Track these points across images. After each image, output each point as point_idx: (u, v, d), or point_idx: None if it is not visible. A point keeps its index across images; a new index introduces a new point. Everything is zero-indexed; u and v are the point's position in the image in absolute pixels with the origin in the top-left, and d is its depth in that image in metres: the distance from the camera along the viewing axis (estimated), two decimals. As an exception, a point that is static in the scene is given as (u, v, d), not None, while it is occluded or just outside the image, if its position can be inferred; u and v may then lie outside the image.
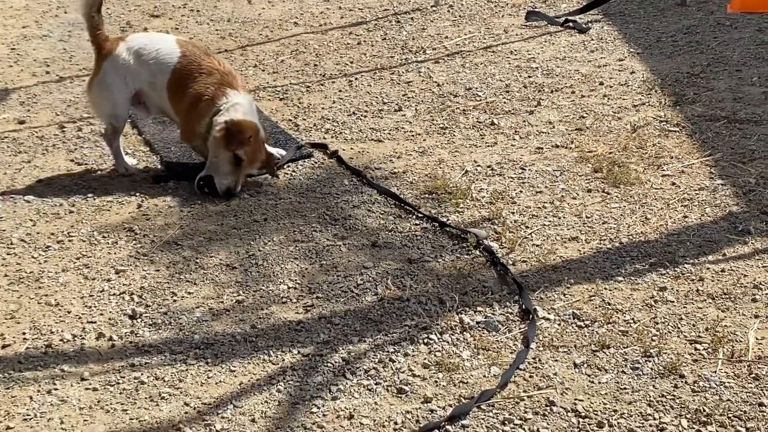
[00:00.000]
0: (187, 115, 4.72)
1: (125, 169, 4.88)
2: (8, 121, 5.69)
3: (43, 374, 3.41)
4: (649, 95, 5.43)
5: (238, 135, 4.51)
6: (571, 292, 3.73)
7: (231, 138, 4.51)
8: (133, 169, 4.91)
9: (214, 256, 4.11)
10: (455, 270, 3.92)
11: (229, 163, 4.57)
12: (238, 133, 4.52)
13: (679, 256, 3.91)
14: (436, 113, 5.43)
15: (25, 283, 3.98)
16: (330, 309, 3.70)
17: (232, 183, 4.59)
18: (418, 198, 4.50)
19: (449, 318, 3.60)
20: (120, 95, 4.79)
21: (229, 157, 4.55)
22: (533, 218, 4.27)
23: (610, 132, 5.03)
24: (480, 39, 6.58)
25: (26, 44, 7.08)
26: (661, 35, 6.34)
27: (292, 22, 7.22)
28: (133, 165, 4.94)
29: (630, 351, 3.37)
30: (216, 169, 4.60)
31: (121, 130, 4.87)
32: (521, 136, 5.07)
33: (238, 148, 4.52)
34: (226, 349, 3.50)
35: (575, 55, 6.14)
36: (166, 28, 7.24)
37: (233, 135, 4.51)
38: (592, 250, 4.01)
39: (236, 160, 4.55)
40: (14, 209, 4.60)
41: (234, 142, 4.51)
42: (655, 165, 4.65)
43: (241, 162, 4.55)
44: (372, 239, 4.17)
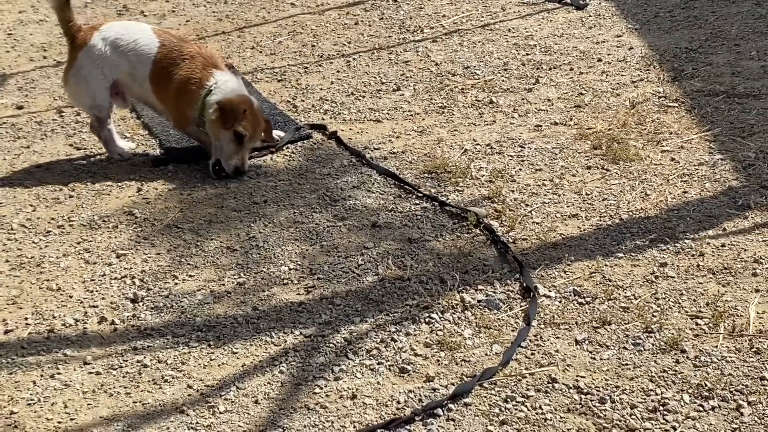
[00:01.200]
0: (177, 102, 4.70)
1: (119, 155, 4.87)
2: (6, 106, 5.68)
3: (46, 359, 3.42)
4: (647, 71, 5.42)
5: (233, 112, 4.50)
6: (571, 269, 3.73)
7: (227, 116, 4.51)
8: (128, 154, 4.90)
9: (214, 238, 4.11)
10: (456, 249, 3.92)
11: (232, 142, 4.56)
12: (232, 110, 4.51)
13: (679, 231, 3.92)
14: (434, 92, 5.42)
15: (27, 268, 3.98)
16: (331, 290, 3.71)
17: (239, 161, 4.58)
18: (418, 178, 4.50)
19: (450, 297, 3.61)
20: (98, 86, 4.75)
21: (229, 136, 4.55)
22: (533, 196, 4.27)
23: (608, 108, 5.02)
24: (477, 17, 6.56)
25: (23, 29, 7.06)
26: (659, 10, 6.32)
27: (289, 3, 7.20)
28: (127, 149, 4.93)
29: (631, 327, 3.38)
30: (221, 152, 4.59)
31: (105, 120, 4.83)
32: (520, 114, 5.06)
33: (237, 125, 4.51)
34: (228, 331, 3.51)
35: (573, 31, 6.13)
36: (163, 11, 7.21)
37: (228, 113, 4.50)
38: (592, 227, 4.01)
39: (238, 137, 4.54)
40: (14, 195, 4.60)
41: (231, 120, 4.50)
42: (655, 141, 4.64)
43: (243, 138, 4.55)
44: (372, 219, 4.17)
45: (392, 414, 3.07)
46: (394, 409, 3.09)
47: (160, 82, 4.71)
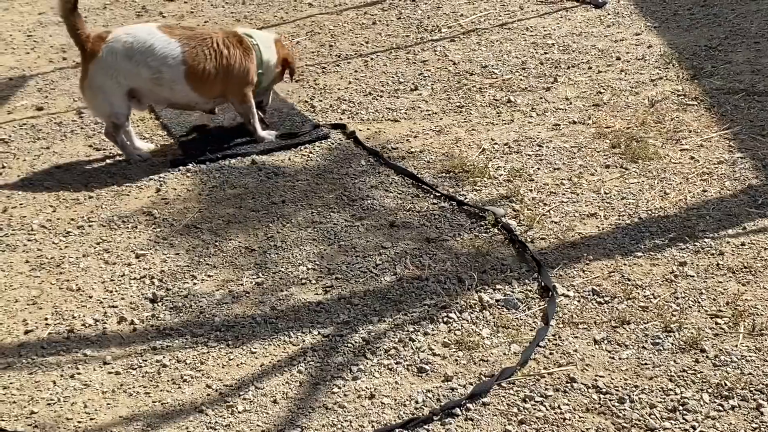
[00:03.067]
0: (236, 81, 4.79)
1: (138, 156, 4.88)
2: (26, 107, 5.71)
3: (65, 359, 3.43)
4: (666, 69, 5.39)
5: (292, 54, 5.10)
6: (590, 269, 3.72)
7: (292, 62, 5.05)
8: (146, 154, 4.91)
9: (232, 239, 4.12)
10: (474, 248, 3.92)
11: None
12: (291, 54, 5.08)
13: (699, 230, 3.90)
14: (452, 92, 5.41)
15: (47, 268, 4.00)
16: (349, 289, 3.71)
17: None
18: (436, 177, 4.50)
19: (468, 296, 3.60)
20: (114, 95, 4.71)
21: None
22: (551, 195, 4.26)
23: (627, 107, 5.00)
24: (495, 16, 6.55)
25: (43, 31, 7.09)
26: (678, 9, 6.30)
27: (306, 3, 7.21)
28: (145, 150, 4.94)
29: (650, 326, 3.37)
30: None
31: (122, 126, 4.84)
32: (538, 113, 5.05)
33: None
34: (246, 331, 3.52)
35: (592, 30, 6.11)
36: (182, 12, 7.24)
37: (291, 58, 5.06)
38: (611, 226, 4.00)
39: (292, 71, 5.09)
40: (34, 195, 4.63)
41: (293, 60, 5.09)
42: (674, 139, 4.62)
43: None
44: (390, 219, 4.17)
45: (410, 414, 3.07)
46: (412, 409, 3.09)
47: (200, 77, 4.72)
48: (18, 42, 6.88)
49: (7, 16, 7.52)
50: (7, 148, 5.16)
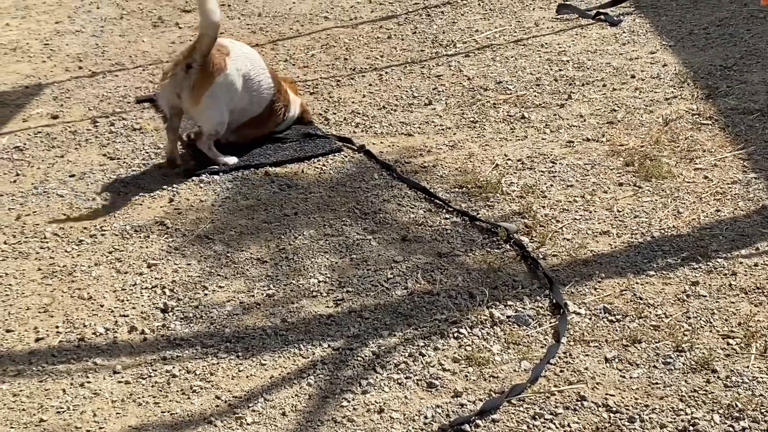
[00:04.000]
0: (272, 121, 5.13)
1: (224, 163, 4.90)
2: (41, 115, 5.73)
3: (76, 367, 3.44)
4: (681, 88, 5.39)
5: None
6: (602, 287, 3.72)
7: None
8: (233, 160, 4.94)
9: (245, 250, 4.13)
10: (485, 264, 3.91)
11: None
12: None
13: (712, 250, 3.89)
14: (466, 107, 5.41)
15: (59, 276, 4.02)
16: (360, 303, 3.71)
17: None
18: (448, 192, 4.50)
19: (479, 312, 3.60)
20: (226, 108, 4.83)
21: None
22: (564, 212, 4.25)
23: (641, 125, 4.99)
24: (511, 32, 6.55)
25: (59, 39, 7.13)
26: (693, 28, 6.29)
27: (322, 17, 7.23)
28: (232, 160, 4.96)
29: (662, 345, 3.35)
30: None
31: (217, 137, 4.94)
32: (552, 129, 5.05)
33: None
34: (256, 342, 3.52)
35: (606, 48, 6.11)
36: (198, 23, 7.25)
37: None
38: (624, 244, 3.99)
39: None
40: (47, 203, 4.64)
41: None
42: (688, 158, 4.62)
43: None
44: (402, 233, 4.17)
45: (419, 429, 3.06)
46: (421, 424, 3.08)
47: (271, 114, 5.07)
48: (34, 50, 6.92)
49: (24, 24, 7.56)
50: (21, 155, 5.18)
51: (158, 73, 6.26)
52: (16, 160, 5.13)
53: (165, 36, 7.06)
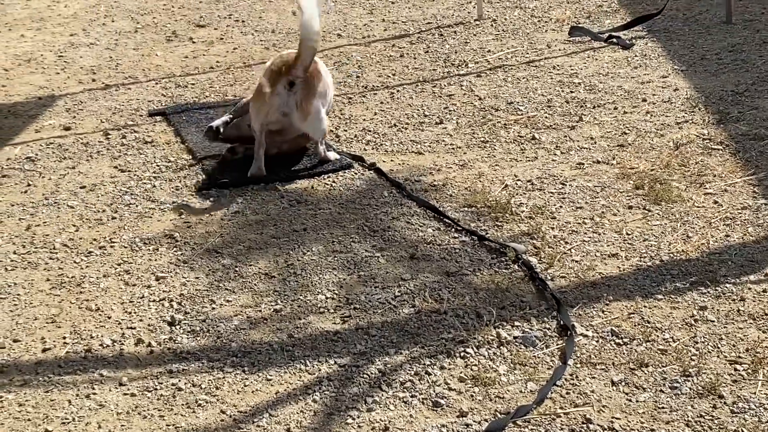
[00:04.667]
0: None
1: (336, 159, 5.01)
2: (54, 127, 5.76)
3: (82, 378, 3.44)
4: (692, 113, 5.39)
5: None
6: (609, 309, 3.71)
7: None
8: (335, 155, 5.07)
9: (253, 264, 4.13)
10: (493, 284, 3.91)
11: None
12: None
13: (721, 275, 3.88)
14: (477, 127, 5.42)
15: (67, 287, 4.03)
16: (367, 320, 3.71)
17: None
18: (458, 211, 4.50)
19: (486, 332, 3.59)
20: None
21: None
22: (573, 234, 4.25)
23: (652, 149, 5.00)
24: (523, 53, 6.57)
25: (73, 52, 7.17)
26: (705, 53, 6.30)
27: (335, 34, 7.26)
28: (334, 155, 5.09)
29: (669, 370, 3.34)
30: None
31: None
32: (562, 151, 5.06)
33: None
34: (263, 357, 3.52)
35: (618, 71, 6.12)
36: (211, 38, 7.30)
37: None
38: (632, 267, 3.98)
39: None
40: (58, 214, 4.66)
41: None
42: (698, 183, 4.61)
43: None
44: (410, 251, 4.17)
45: (424, 448, 3.05)
46: (426, 443, 3.08)
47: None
48: (49, 62, 6.96)
49: (39, 36, 7.61)
50: (33, 166, 5.21)
51: (171, 87, 6.30)
52: (28, 171, 5.15)
53: (178, 50, 7.10)
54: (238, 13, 7.94)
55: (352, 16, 7.68)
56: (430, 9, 7.61)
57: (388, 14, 7.65)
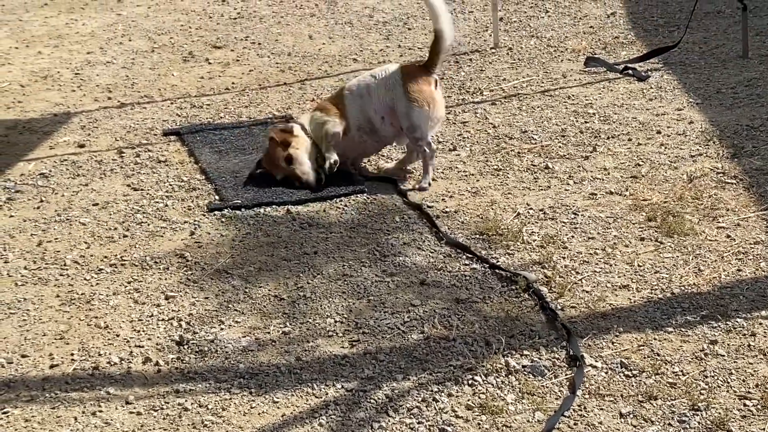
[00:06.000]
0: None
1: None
2: (69, 144, 5.79)
3: (88, 396, 3.44)
4: (706, 146, 5.38)
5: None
6: (619, 341, 3.69)
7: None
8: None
9: (262, 286, 4.13)
10: (503, 312, 3.90)
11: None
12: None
13: (732, 309, 3.86)
14: (490, 154, 5.43)
15: (76, 304, 4.03)
16: (375, 345, 3.70)
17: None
18: (469, 238, 4.49)
19: (495, 360, 3.58)
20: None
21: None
22: (584, 264, 4.24)
23: (665, 181, 4.99)
24: (538, 82, 6.58)
25: (90, 70, 7.21)
26: (721, 87, 6.30)
27: (351, 58, 7.28)
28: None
29: (677, 403, 3.32)
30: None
31: None
32: (575, 181, 5.05)
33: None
34: (270, 379, 3.51)
35: (633, 102, 6.12)
36: (227, 60, 7.33)
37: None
38: (643, 299, 3.97)
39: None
40: (69, 231, 4.67)
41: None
42: (711, 216, 4.60)
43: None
44: (421, 277, 4.17)
45: (429, 475, 3.04)
46: (431, 471, 3.06)
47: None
48: (65, 79, 7.00)
49: (56, 53, 7.65)
50: (46, 182, 5.23)
51: (186, 107, 6.33)
52: (41, 187, 5.17)
53: (194, 71, 7.13)
54: (254, 35, 7.98)
55: (369, 41, 7.71)
56: (447, 36, 7.63)
57: (404, 40, 7.68)
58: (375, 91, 5.07)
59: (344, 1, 8.95)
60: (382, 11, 8.54)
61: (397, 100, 5.00)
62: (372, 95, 5.07)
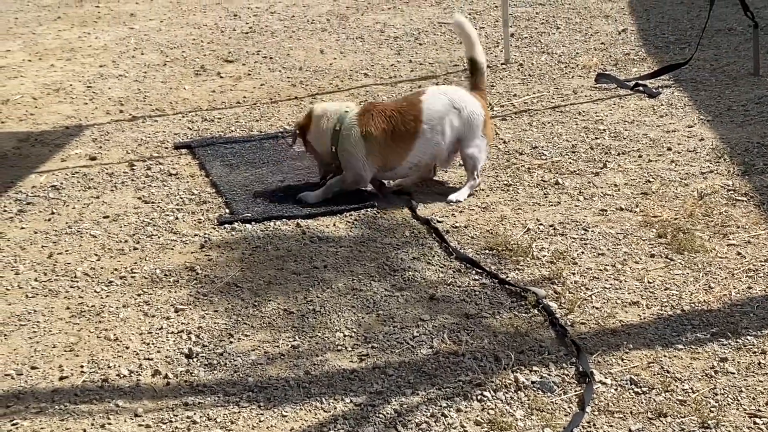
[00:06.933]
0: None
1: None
2: (80, 156, 5.81)
3: (97, 408, 3.44)
4: (717, 163, 5.38)
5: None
6: (629, 357, 3.68)
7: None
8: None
9: (272, 300, 4.13)
10: (512, 328, 3.89)
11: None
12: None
13: (742, 327, 3.85)
14: (500, 170, 5.43)
15: (86, 316, 4.04)
16: (384, 359, 3.69)
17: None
18: (479, 253, 4.49)
19: (504, 376, 3.57)
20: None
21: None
22: (594, 280, 4.23)
23: (676, 198, 4.98)
24: (548, 98, 6.59)
25: (102, 83, 7.24)
26: (732, 104, 6.29)
27: (362, 73, 7.30)
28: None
29: (687, 421, 3.31)
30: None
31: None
32: (585, 197, 5.05)
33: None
34: (279, 393, 3.51)
35: (644, 119, 6.12)
36: (239, 74, 7.36)
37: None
38: (653, 316, 3.96)
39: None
40: (80, 243, 4.68)
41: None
42: (721, 233, 4.59)
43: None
44: (430, 292, 4.16)
45: (438, 491, 3.03)
46: (440, 486, 3.05)
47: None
48: (77, 92, 7.03)
49: (68, 66, 7.69)
50: (57, 194, 5.25)
51: (197, 120, 6.34)
52: (52, 199, 5.19)
53: (206, 84, 7.16)
54: (266, 49, 8.01)
55: (380, 56, 7.73)
56: (457, 51, 7.64)
57: (415, 55, 7.70)
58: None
59: (356, 17, 8.98)
60: (393, 26, 8.57)
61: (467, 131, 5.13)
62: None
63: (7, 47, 8.35)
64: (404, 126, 4.99)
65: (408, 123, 5.00)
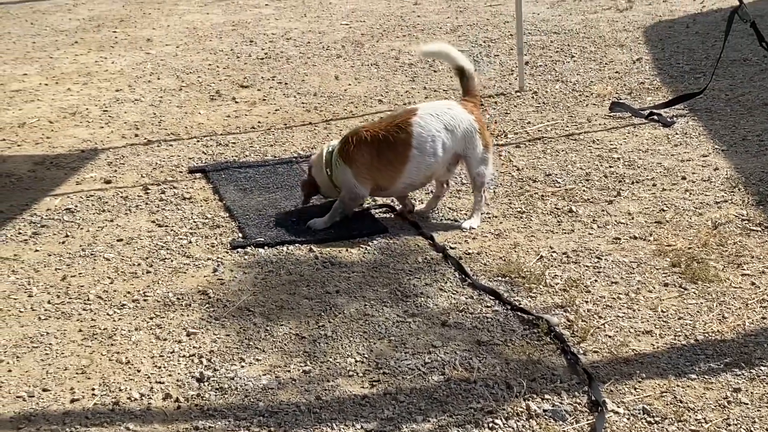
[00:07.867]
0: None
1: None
2: (95, 180, 5.83)
3: (108, 431, 3.43)
4: (732, 193, 5.36)
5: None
6: (642, 387, 3.66)
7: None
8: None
9: (284, 324, 4.13)
10: (524, 355, 3.88)
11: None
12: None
13: (756, 357, 3.82)
14: (514, 197, 5.42)
15: (99, 339, 4.04)
16: (396, 386, 3.68)
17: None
18: (491, 280, 4.48)
19: (516, 403, 3.55)
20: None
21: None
22: (607, 309, 4.22)
23: (690, 227, 4.97)
24: (563, 126, 6.59)
25: (118, 107, 7.28)
26: (747, 134, 6.28)
27: (376, 99, 7.32)
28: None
29: (700, 451, 3.29)
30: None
31: None
32: (599, 225, 5.04)
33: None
34: (289, 418, 3.50)
35: (658, 148, 6.11)
36: (254, 99, 7.39)
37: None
38: (666, 346, 3.93)
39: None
40: (93, 266, 4.69)
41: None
42: (735, 263, 4.57)
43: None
44: (442, 318, 4.16)
45: None
46: None
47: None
48: (93, 116, 7.07)
49: (85, 90, 7.74)
50: (72, 217, 5.26)
51: (212, 145, 6.37)
52: (67, 222, 5.21)
53: (221, 109, 7.19)
54: (281, 75, 8.05)
55: (394, 82, 7.75)
56: (472, 79, 7.66)
57: (429, 82, 7.72)
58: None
59: (371, 44, 9.02)
60: (407, 53, 8.60)
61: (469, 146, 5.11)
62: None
63: (25, 71, 8.41)
64: (393, 151, 4.97)
65: (398, 147, 4.97)
